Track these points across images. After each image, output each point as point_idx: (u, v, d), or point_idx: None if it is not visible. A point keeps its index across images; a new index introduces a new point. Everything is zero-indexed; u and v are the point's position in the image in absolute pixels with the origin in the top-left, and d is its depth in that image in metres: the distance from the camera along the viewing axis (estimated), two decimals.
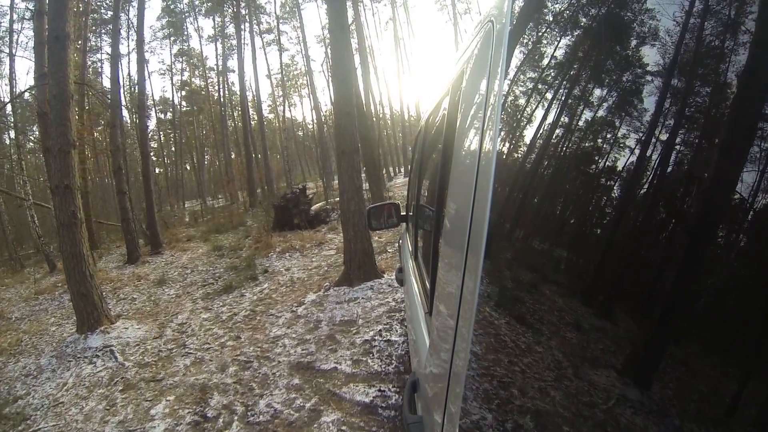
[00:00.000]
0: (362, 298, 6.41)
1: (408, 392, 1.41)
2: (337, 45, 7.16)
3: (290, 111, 58.34)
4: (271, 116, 46.26)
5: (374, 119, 28.46)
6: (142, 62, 15.83)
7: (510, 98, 0.99)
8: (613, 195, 0.74)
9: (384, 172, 29.84)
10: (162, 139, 44.54)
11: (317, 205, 15.63)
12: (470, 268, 0.91)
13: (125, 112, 44.68)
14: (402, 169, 35.69)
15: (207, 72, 38.82)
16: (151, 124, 43.88)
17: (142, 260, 14.21)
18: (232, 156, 35.82)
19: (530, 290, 0.90)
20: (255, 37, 31.75)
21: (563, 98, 0.91)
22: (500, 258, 0.95)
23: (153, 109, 41.53)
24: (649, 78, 0.68)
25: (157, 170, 44.72)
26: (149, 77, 46.45)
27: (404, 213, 3.76)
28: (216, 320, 7.10)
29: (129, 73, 32.24)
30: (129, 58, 30.42)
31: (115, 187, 15.28)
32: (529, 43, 1.06)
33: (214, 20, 35.45)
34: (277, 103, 40.80)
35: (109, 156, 16.10)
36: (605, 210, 0.76)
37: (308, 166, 45.93)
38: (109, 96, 15.64)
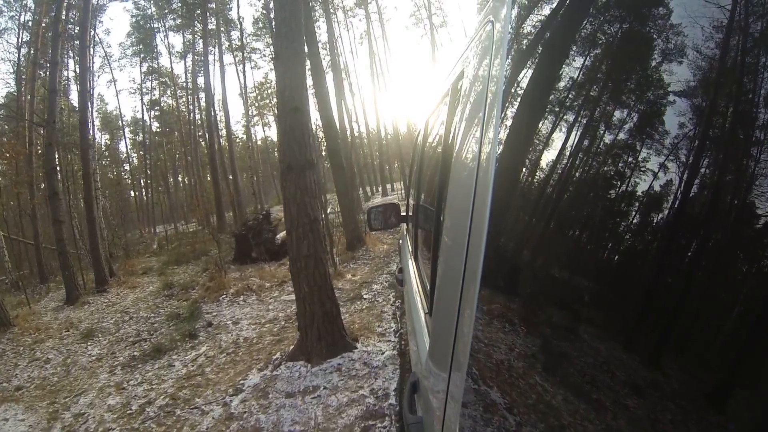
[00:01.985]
0: (324, 387, 4.29)
1: (408, 392, 1.36)
2: (283, 3, 4.86)
3: (264, 131, 56.23)
4: (245, 137, 43.75)
5: (348, 135, 26.54)
6: (84, 71, 13.57)
7: (510, 98, 0.94)
8: (613, 194, 0.70)
9: (361, 192, 27.98)
10: (136, 161, 42.03)
11: (283, 232, 13.50)
12: (470, 268, 0.89)
13: (96, 132, 42.49)
14: (380, 189, 33.65)
15: (177, 90, 36.33)
16: (122, 145, 41.61)
17: (83, 300, 11.83)
18: (208, 178, 33.46)
19: (531, 289, 0.88)
20: (224, 54, 29.77)
21: (563, 98, 0.87)
22: (500, 257, 0.92)
23: (123, 129, 39.10)
24: (652, 76, 0.66)
25: (132, 193, 42.54)
26: (117, 95, 43.88)
27: (404, 213, 3.68)
28: (123, 411, 4.93)
29: (97, 92, 29.82)
30: (92, 74, 27.64)
31: (51, 216, 12.85)
32: (530, 43, 1.02)
33: (183, 36, 33.17)
34: (251, 123, 38.40)
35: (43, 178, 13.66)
36: (607, 209, 0.73)
37: None
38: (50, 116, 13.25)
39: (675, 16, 0.61)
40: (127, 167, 42.99)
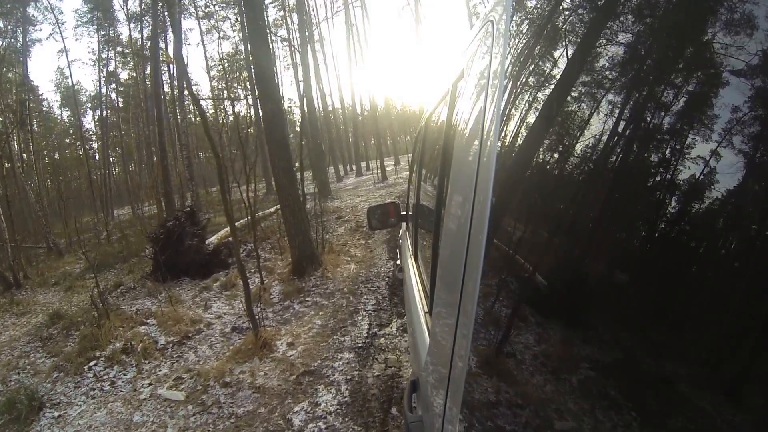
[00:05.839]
0: None
1: (408, 392, 1.31)
2: None
3: (233, 107, 51.61)
4: (214, 111, 39.19)
5: (321, 109, 22.84)
6: None
7: (510, 98, 0.92)
8: (613, 193, 0.67)
9: (332, 171, 24.58)
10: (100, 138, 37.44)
11: (220, 233, 10.14)
12: (470, 268, 0.87)
13: (56, 110, 37.89)
14: (354, 167, 30.06)
15: (138, 60, 31.66)
16: (87, 122, 36.98)
17: None
18: (178, 156, 29.29)
19: (531, 288, 0.83)
20: (186, 19, 25.52)
21: (563, 98, 0.84)
22: (501, 257, 0.89)
23: (77, 103, 34.42)
24: (651, 77, 0.64)
25: (99, 172, 38.14)
26: (69, 66, 38.68)
27: (404, 212, 3.49)
28: None
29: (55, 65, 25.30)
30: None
31: None
32: (529, 43, 0.99)
33: (141, 2, 28.39)
34: (220, 98, 34.09)
35: None
36: (608, 207, 0.69)
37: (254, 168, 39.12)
38: None
39: (673, 15, 0.59)
40: (94, 145, 38.57)
